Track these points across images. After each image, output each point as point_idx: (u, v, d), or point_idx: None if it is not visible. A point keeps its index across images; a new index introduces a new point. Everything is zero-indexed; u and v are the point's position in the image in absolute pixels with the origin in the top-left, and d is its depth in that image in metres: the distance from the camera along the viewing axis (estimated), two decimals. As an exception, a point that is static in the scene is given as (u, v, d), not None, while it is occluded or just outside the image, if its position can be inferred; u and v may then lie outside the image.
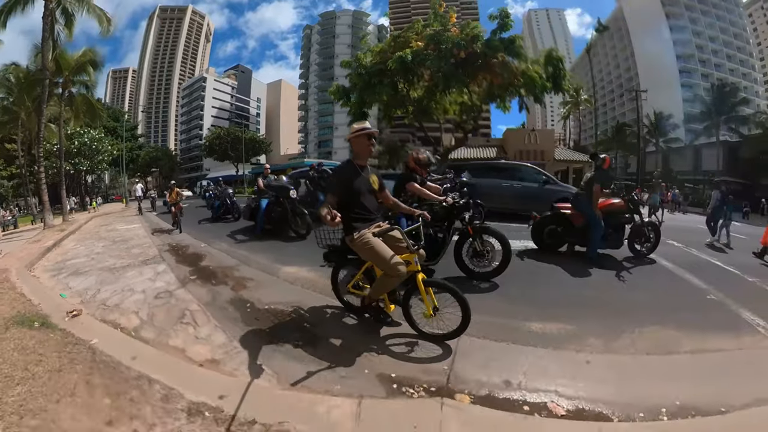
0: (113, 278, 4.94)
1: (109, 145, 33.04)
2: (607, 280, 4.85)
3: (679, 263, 5.73)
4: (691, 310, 3.86)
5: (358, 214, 2.78)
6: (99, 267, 5.71)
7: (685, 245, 7.62)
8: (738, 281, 5.18)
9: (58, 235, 10.02)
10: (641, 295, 4.26)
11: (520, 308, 3.58)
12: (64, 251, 7.72)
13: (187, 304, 3.66)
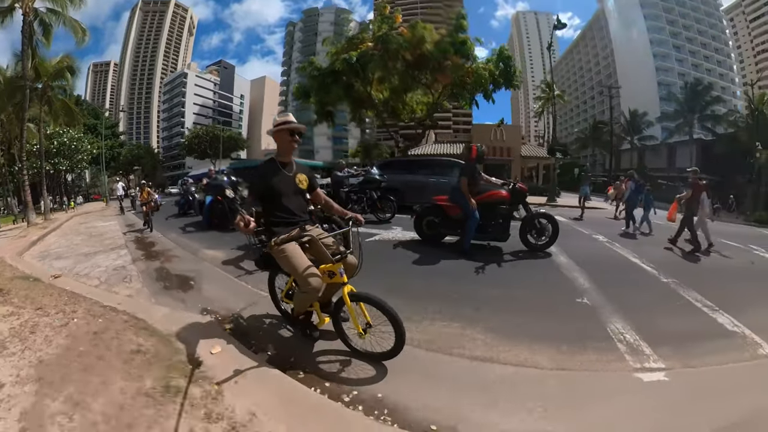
0: (86, 260, 6.57)
1: (89, 144, 33.57)
2: (465, 272, 4.86)
3: (579, 259, 5.49)
4: (540, 311, 3.68)
5: (279, 218, 2.52)
6: (76, 253, 7.34)
7: (611, 240, 7.60)
8: (644, 282, 4.85)
9: (41, 231, 11.42)
10: (496, 291, 4.20)
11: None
12: (48, 244, 9.22)
13: (130, 272, 5.33)
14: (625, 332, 3.21)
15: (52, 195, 30.51)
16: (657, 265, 5.51)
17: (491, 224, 5.62)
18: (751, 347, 3.10)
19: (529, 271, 5.17)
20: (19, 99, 15.53)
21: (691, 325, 3.55)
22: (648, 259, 5.93)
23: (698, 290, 4.36)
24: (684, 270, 5.68)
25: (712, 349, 3.06)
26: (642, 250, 6.86)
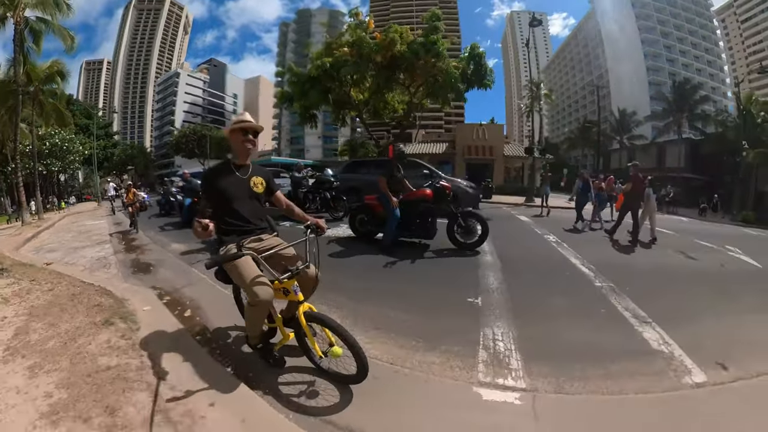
0: (74, 252, 7.59)
1: (80, 145, 34.31)
2: (373, 266, 5.07)
3: (511, 259, 5.57)
4: (423, 308, 3.70)
5: (230, 225, 2.34)
6: (66, 247, 8.35)
7: (560, 240, 7.55)
8: (572, 286, 4.62)
9: (35, 230, 12.36)
10: (391, 285, 4.40)
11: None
12: (41, 240, 10.22)
13: (110, 261, 6.37)
14: (501, 339, 2.98)
15: (44, 195, 30.66)
16: (598, 267, 5.24)
17: (415, 222, 5.74)
18: (675, 373, 2.56)
19: (439, 269, 5.18)
20: (12, 103, 16.44)
21: (603, 339, 3.11)
22: (592, 260, 5.69)
23: (636, 298, 3.99)
24: (630, 274, 5.27)
25: (617, 371, 2.57)
26: (590, 249, 6.69)
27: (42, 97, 19.02)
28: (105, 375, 2.10)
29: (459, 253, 5.78)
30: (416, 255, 5.64)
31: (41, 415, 1.73)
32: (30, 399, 1.85)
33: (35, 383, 2.00)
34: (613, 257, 6.59)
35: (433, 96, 18.61)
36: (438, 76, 16.71)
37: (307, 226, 2.45)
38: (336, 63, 16.46)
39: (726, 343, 3.10)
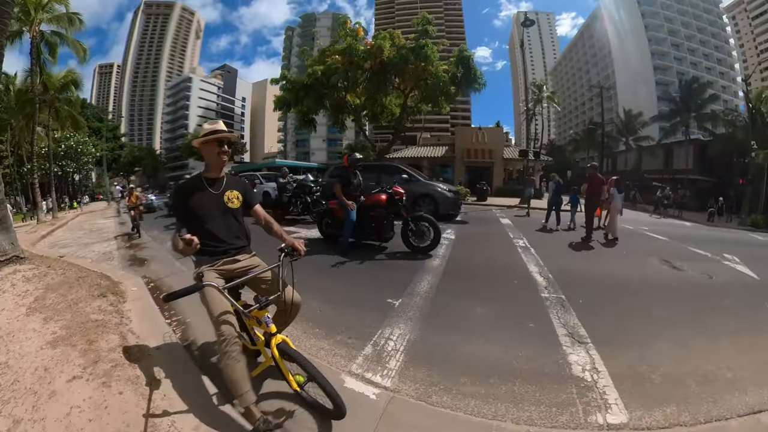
0: (84, 247, 8.62)
1: (93, 147, 36.02)
2: (323, 266, 5.36)
3: (461, 263, 5.67)
4: (340, 305, 3.92)
5: (204, 245, 2.09)
6: (78, 243, 9.41)
7: (529, 245, 7.39)
8: (512, 295, 4.46)
9: (49, 227, 13.62)
10: (325, 284, 4.62)
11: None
12: (56, 237, 11.37)
13: (113, 255, 7.38)
14: (395, 339, 3.07)
15: (59, 195, 32.11)
16: (557, 276, 4.95)
17: (370, 225, 6.02)
18: (586, 407, 2.24)
19: (379, 270, 5.32)
20: (29, 110, 17.82)
21: (518, 356, 2.90)
22: (554, 267, 5.43)
23: (585, 313, 3.71)
24: (592, 286, 4.88)
25: (520, 394, 2.41)
26: (558, 256, 6.50)
27: (58, 104, 20.58)
28: (92, 324, 3.03)
29: (410, 256, 5.84)
30: (368, 257, 5.85)
31: (47, 342, 2.69)
32: (41, 335, 2.83)
33: (46, 326, 2.97)
34: (582, 266, 6.07)
35: (427, 100, 19.03)
36: (428, 80, 17.03)
37: (281, 249, 2.22)
38: (327, 70, 16.92)
39: (673, 376, 2.63)
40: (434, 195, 10.43)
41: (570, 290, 4.43)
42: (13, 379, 2.21)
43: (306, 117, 20.36)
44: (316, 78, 17.02)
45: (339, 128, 24.21)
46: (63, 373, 2.29)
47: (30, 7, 15.02)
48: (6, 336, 2.76)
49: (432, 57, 16.28)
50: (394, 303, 3.89)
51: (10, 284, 4.06)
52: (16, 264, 4.96)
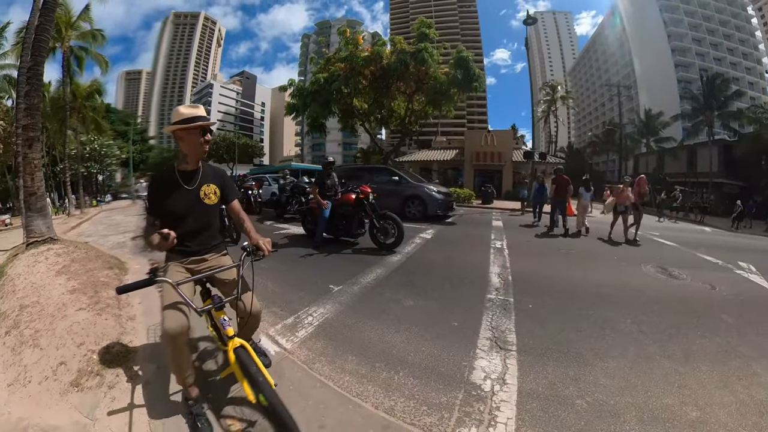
0: (104, 237, 9.72)
1: (117, 149, 38.66)
2: (293, 258, 5.83)
3: (415, 260, 5.78)
4: (288, 287, 4.35)
5: (176, 245, 1.94)
6: (99, 234, 10.52)
7: (508, 246, 7.21)
8: (457, 294, 4.24)
9: (77, 221, 15.26)
10: (282, 274, 4.94)
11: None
12: (82, 229, 12.71)
13: (127, 245, 8.35)
14: (298, 319, 3.42)
15: (84, 193, 34.46)
16: (517, 279, 4.65)
17: (341, 223, 6.55)
18: (462, 418, 2.07)
19: (337, 262, 5.67)
20: (61, 115, 19.87)
21: (408, 350, 2.86)
22: (520, 270, 5.14)
23: (527, 320, 3.46)
24: (556, 292, 4.34)
25: (382, 380, 2.41)
26: (531, 259, 6.22)
27: (84, 110, 22.78)
28: (100, 283, 4.07)
29: (374, 252, 6.08)
30: (336, 250, 6.25)
31: (67, 290, 3.72)
32: (64, 287, 3.86)
33: (69, 282, 3.99)
34: (554, 271, 5.48)
35: (431, 103, 19.29)
36: (424, 82, 17.44)
37: (244, 248, 2.03)
38: (330, 78, 17.58)
39: (608, 405, 2.19)
40: (422, 196, 10.68)
41: (524, 294, 4.10)
42: (39, 309, 3.21)
43: (315, 122, 21.11)
44: (319, 85, 17.78)
45: (349, 132, 25.12)
46: (73, 306, 3.25)
47: (62, 26, 16.99)
48: (39, 287, 3.84)
49: (430, 61, 16.53)
50: (334, 288, 4.20)
51: (44, 257, 5.10)
52: (50, 244, 6.01)
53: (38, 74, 6.60)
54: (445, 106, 19.31)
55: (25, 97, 6.49)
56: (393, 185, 10.94)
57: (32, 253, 5.37)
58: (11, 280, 4.24)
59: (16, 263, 5.16)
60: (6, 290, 4.00)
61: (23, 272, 4.47)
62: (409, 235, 7.10)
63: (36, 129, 6.58)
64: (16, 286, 3.96)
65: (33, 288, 3.77)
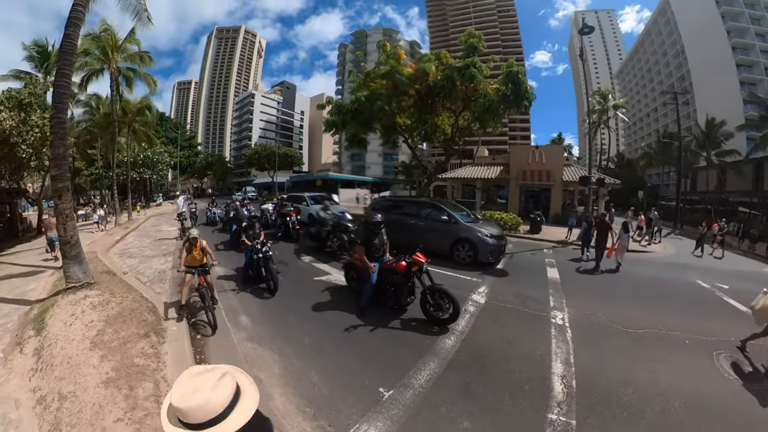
0: (146, 261, 9.54)
1: (168, 156, 41.04)
2: (331, 326, 5.32)
3: (473, 347, 4.81)
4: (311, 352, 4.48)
5: None
6: (141, 255, 10.38)
7: (567, 319, 5.89)
8: (511, 406, 3.64)
9: (123, 231, 15.44)
10: (319, 340, 4.83)
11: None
12: (126, 243, 12.77)
13: (166, 275, 8.09)
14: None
15: (136, 196, 37.44)
16: (582, 383, 4.02)
17: (389, 290, 5.85)
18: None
19: (386, 344, 4.88)
20: (111, 130, 20.91)
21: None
22: (582, 368, 4.36)
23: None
24: (622, 407, 3.63)
25: None
26: (594, 346, 5.01)
27: (135, 125, 24.28)
28: (134, 370, 3.65)
29: (425, 328, 5.34)
30: (382, 322, 5.49)
31: (101, 381, 3.43)
32: (98, 372, 3.59)
33: (103, 365, 3.70)
34: (621, 369, 4.36)
35: (478, 120, 18.14)
36: (472, 99, 16.23)
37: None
38: (371, 96, 16.63)
39: None
40: (474, 240, 9.50)
41: (588, 413, 3.53)
42: (78, 409, 3.07)
43: (354, 138, 20.59)
44: (360, 103, 17.01)
45: (390, 147, 24.48)
46: (111, 413, 3.02)
47: (108, 49, 18.01)
48: (75, 366, 3.71)
49: (479, 77, 15.45)
50: (384, 394, 3.71)
51: (80, 310, 4.94)
52: (87, 289, 5.84)
53: (61, 122, 6.45)
54: (492, 124, 18.17)
55: (51, 146, 6.42)
56: (441, 224, 10.11)
57: (70, 301, 5.32)
58: (50, 345, 4.17)
59: (55, 313, 5.10)
60: (45, 358, 3.93)
61: (60, 334, 4.36)
62: (460, 293, 6.14)
63: (64, 179, 6.42)
64: (54, 357, 3.89)
65: (69, 366, 3.66)
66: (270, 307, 6.08)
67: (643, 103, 70.74)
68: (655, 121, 64.00)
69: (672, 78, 58.45)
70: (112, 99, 19.64)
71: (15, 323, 5.22)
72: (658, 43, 64.49)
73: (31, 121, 11.31)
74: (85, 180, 38.37)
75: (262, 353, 4.46)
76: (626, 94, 75.81)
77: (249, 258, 7.07)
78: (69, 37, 6.50)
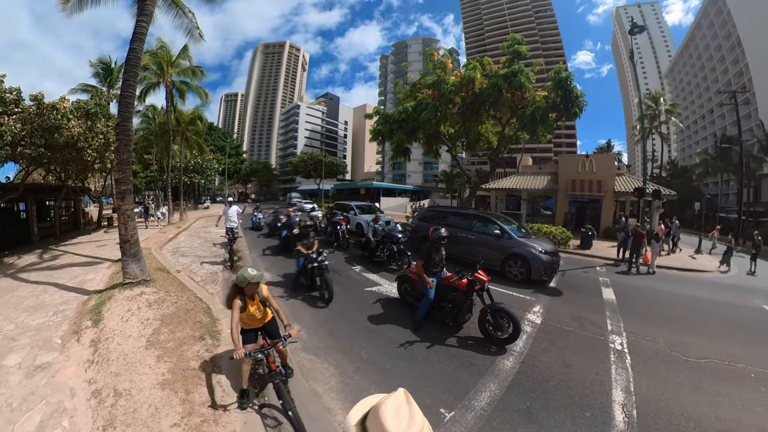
0: (197, 261, 9.75)
1: (216, 163, 43.76)
2: (381, 339, 5.16)
3: (529, 365, 4.67)
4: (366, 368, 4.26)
5: None
6: (193, 255, 10.72)
7: (626, 343, 5.48)
8: None
9: (176, 230, 16.23)
10: (367, 352, 4.65)
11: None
12: (178, 242, 13.29)
13: (218, 277, 8.16)
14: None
15: (187, 199, 40.20)
16: (643, 413, 3.84)
17: (447, 306, 5.64)
18: None
19: (445, 362, 4.65)
20: (166, 138, 22.24)
21: None
22: (643, 397, 4.14)
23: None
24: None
25: None
26: (653, 373, 4.72)
27: (188, 134, 25.83)
28: (190, 372, 3.59)
29: (483, 347, 5.09)
30: (438, 339, 5.27)
31: (158, 383, 3.36)
32: (155, 372, 3.52)
33: (158, 366, 3.64)
34: (683, 403, 4.06)
35: (525, 129, 17.37)
36: (526, 108, 15.59)
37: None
38: (418, 106, 16.65)
39: None
40: (527, 257, 8.92)
41: None
42: (134, 408, 2.99)
43: (399, 147, 20.33)
44: (407, 113, 16.97)
45: (433, 156, 24.07)
46: (167, 417, 2.91)
47: (164, 64, 19.56)
48: (131, 364, 3.65)
49: (527, 85, 14.88)
50: (446, 416, 3.59)
51: (137, 307, 4.98)
52: (143, 286, 5.99)
53: (126, 130, 6.73)
54: (540, 133, 17.20)
55: (116, 152, 6.66)
56: (493, 238, 9.66)
57: (127, 296, 5.41)
58: (106, 339, 4.16)
59: (111, 307, 5.14)
60: (101, 351, 3.90)
61: (117, 328, 4.36)
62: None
63: (127, 182, 6.66)
64: (110, 352, 3.85)
65: (126, 363, 3.61)
66: (324, 316, 5.94)
67: (696, 104, 63.75)
68: (711, 124, 57.84)
69: (728, 74, 52.67)
70: (167, 110, 21.02)
71: (73, 311, 5.40)
72: (710, 36, 58.10)
73: (96, 129, 12.17)
74: (141, 181, 41.36)
75: (318, 365, 4.32)
76: (678, 95, 68.89)
77: (302, 266, 6.91)
78: (134, 51, 6.81)
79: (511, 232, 9.59)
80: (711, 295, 8.84)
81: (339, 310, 6.20)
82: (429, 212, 12.62)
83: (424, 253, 5.75)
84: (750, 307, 7.93)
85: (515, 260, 9.00)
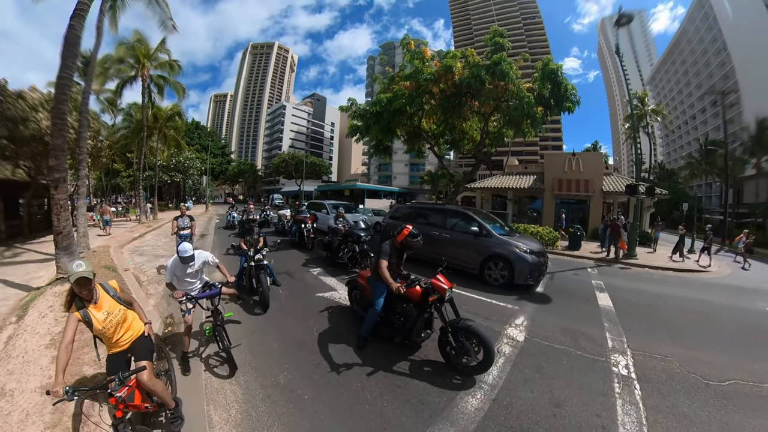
0: (154, 260, 9.10)
1: (199, 162, 42.81)
2: (314, 359, 4.19)
3: (504, 405, 3.27)
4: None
5: None
6: (152, 254, 10.05)
7: (632, 366, 4.28)
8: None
9: (145, 229, 15.64)
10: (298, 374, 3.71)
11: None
12: (143, 241, 12.68)
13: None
14: None
15: (167, 197, 40.20)
16: None
17: (399, 320, 4.52)
18: None
19: (388, 398, 3.51)
20: (142, 134, 21.69)
21: None
22: None
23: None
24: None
25: None
26: (669, 410, 3.48)
27: (166, 130, 25.21)
28: (81, 379, 3.32)
29: (443, 377, 3.92)
30: (386, 363, 4.19)
31: (40, 385, 3.04)
32: (41, 376, 3.25)
33: (51, 367, 3.40)
34: None
35: (510, 124, 16.11)
36: (510, 101, 14.45)
37: None
38: (393, 98, 15.66)
39: None
40: (510, 257, 7.81)
41: None
42: (8, 411, 2.79)
43: (379, 144, 19.51)
44: (381, 106, 15.92)
45: (416, 155, 23.47)
46: (32, 425, 2.67)
47: (140, 56, 18.94)
48: (27, 363, 3.46)
49: (511, 73, 13.86)
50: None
51: (59, 303, 4.88)
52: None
53: (61, 113, 6.29)
54: (528, 128, 16.13)
55: (51, 137, 6.27)
56: (470, 236, 8.48)
57: (55, 292, 5.37)
58: (18, 335, 4.07)
59: (37, 303, 5.08)
60: (8, 349, 3.78)
61: (31, 325, 4.34)
62: (491, 327, 5.08)
63: (62, 170, 6.24)
64: (14, 349, 3.76)
65: (23, 362, 3.49)
66: (254, 326, 5.07)
67: (679, 110, 65.40)
68: (695, 129, 58.95)
69: (713, 78, 52.90)
70: (143, 105, 20.45)
71: (9, 308, 5.14)
72: (696, 41, 58.98)
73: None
74: (125, 181, 40.34)
75: (225, 386, 3.62)
76: (661, 101, 69.22)
77: (242, 265, 6.27)
78: (73, 28, 6.41)
79: (491, 230, 8.50)
80: (715, 298, 8.23)
81: (275, 320, 5.34)
82: (402, 209, 11.59)
83: (385, 252, 4.51)
84: (759, 311, 7.33)
85: (496, 261, 7.94)
